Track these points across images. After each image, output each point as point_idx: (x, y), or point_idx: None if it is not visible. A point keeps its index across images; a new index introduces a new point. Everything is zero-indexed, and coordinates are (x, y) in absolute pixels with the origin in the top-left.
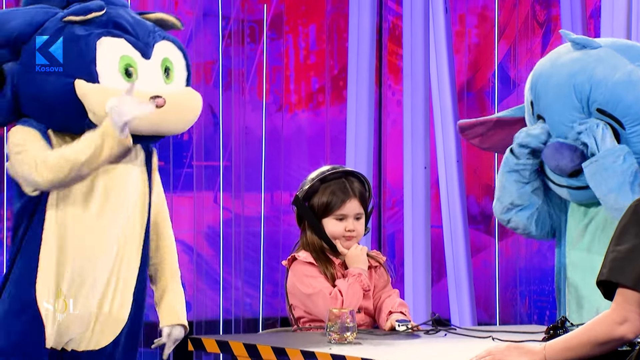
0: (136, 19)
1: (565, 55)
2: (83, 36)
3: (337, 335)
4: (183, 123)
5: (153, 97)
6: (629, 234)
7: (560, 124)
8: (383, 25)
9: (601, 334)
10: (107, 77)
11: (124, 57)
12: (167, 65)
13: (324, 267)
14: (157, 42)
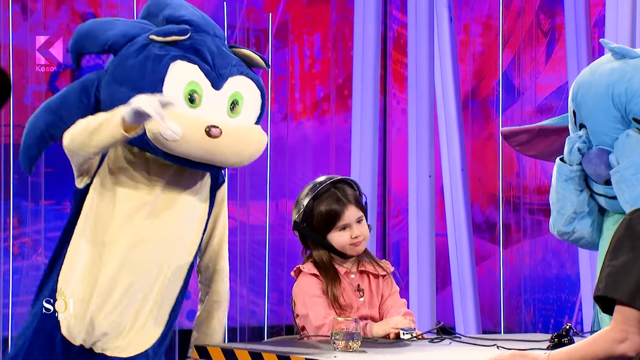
0: (220, 50)
1: (605, 65)
2: (160, 55)
3: (342, 343)
4: (238, 157)
5: (209, 127)
6: (624, 248)
7: (600, 133)
8: (388, 34)
9: (602, 352)
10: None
11: (191, 82)
12: (236, 99)
13: (328, 283)
14: (233, 76)
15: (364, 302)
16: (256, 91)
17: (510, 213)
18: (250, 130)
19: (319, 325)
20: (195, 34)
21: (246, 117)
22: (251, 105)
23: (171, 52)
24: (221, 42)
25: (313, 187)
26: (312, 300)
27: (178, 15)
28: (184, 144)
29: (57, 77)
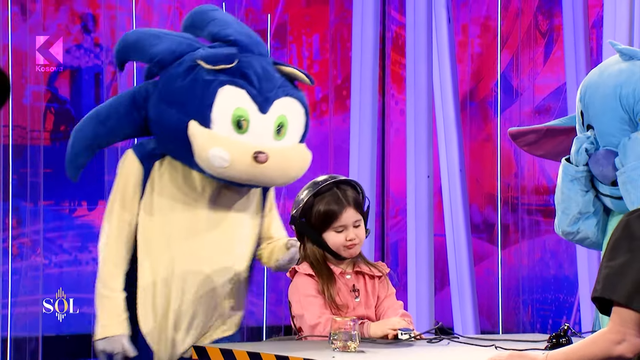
0: (266, 72)
1: (613, 66)
2: (208, 81)
3: (340, 344)
4: (284, 178)
5: (257, 153)
6: (621, 249)
7: (607, 134)
8: (386, 34)
9: (599, 353)
10: (219, 125)
11: (239, 108)
12: (282, 122)
13: (323, 283)
14: (279, 98)
15: (360, 302)
16: (301, 110)
17: (509, 213)
18: (295, 150)
19: (313, 324)
20: (242, 54)
21: (291, 137)
22: (296, 125)
23: (219, 78)
24: (266, 60)
25: (315, 184)
26: (307, 300)
27: (224, 35)
28: (231, 170)
29: (57, 78)
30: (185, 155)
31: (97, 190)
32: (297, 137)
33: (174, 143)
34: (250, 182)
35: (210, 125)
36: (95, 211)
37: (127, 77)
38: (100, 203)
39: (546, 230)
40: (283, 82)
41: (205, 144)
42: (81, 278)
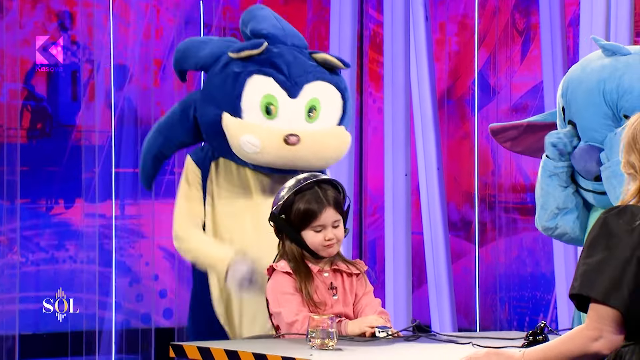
0: (297, 59)
1: (596, 62)
2: (237, 73)
3: (318, 341)
4: (321, 160)
5: (287, 135)
6: (599, 246)
7: (590, 129)
8: (364, 32)
9: (576, 349)
10: (249, 113)
11: (267, 95)
12: (314, 105)
13: (301, 281)
14: (310, 82)
15: (338, 300)
16: (335, 93)
17: (486, 211)
18: (330, 133)
19: (290, 321)
20: (273, 46)
21: (326, 120)
22: (330, 108)
23: (248, 68)
24: (299, 50)
25: (297, 181)
26: (285, 298)
27: (258, 29)
28: (265, 155)
29: (33, 76)
30: (227, 150)
31: (74, 189)
32: (334, 120)
33: (216, 139)
34: (286, 167)
35: (241, 114)
36: (72, 209)
37: (105, 75)
38: (77, 201)
39: (523, 228)
40: (315, 67)
41: (237, 133)
42: (58, 276)
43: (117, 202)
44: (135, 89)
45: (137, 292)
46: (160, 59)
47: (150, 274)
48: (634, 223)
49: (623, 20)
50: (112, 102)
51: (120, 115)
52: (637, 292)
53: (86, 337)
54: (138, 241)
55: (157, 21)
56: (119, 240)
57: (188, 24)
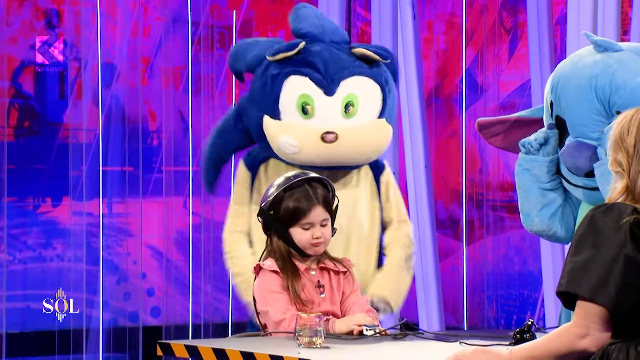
0: (334, 56)
1: (587, 58)
2: (274, 75)
3: (305, 339)
4: (363, 155)
5: (324, 133)
6: (586, 243)
7: (581, 125)
8: (352, 31)
9: (563, 347)
10: (287, 114)
11: (302, 95)
12: (350, 100)
13: (288, 279)
14: (346, 79)
15: (325, 298)
16: (374, 87)
17: (474, 210)
18: (368, 127)
19: (278, 320)
20: (311, 45)
21: (364, 115)
22: (369, 102)
23: (284, 70)
24: (338, 46)
25: (287, 179)
26: (272, 296)
27: (298, 29)
28: (304, 154)
29: (21, 74)
30: (272, 151)
31: (62, 187)
32: (373, 113)
33: (262, 141)
34: (328, 164)
35: (279, 116)
36: (60, 207)
37: (92, 73)
38: (65, 199)
39: (511, 227)
40: (353, 62)
41: (275, 134)
42: (45, 275)
43: (104, 200)
44: (123, 87)
45: (125, 291)
46: (148, 57)
47: (137, 272)
48: (621, 221)
49: (610, 18)
50: (100, 100)
51: (107, 114)
52: (624, 289)
53: (74, 335)
54: (126, 239)
55: (144, 19)
56: (106, 238)
57: (176, 22)
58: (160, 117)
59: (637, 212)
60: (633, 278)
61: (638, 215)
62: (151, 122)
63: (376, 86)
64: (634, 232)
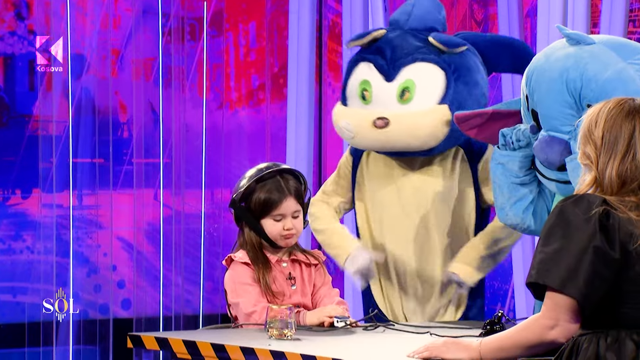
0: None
1: (560, 51)
2: (349, 62)
3: (276, 331)
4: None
5: (375, 119)
6: (556, 234)
7: (552, 118)
8: (323, 23)
9: (532, 338)
10: (351, 100)
11: (363, 81)
12: (407, 86)
13: (259, 271)
14: (409, 65)
15: (296, 290)
16: (438, 72)
17: None
18: (422, 112)
19: (249, 312)
20: (391, 32)
21: (422, 101)
22: (429, 89)
23: (356, 57)
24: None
25: (259, 170)
26: (243, 288)
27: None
28: (361, 139)
29: None
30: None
31: (31, 179)
32: (433, 100)
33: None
34: (385, 149)
35: (346, 102)
36: (29, 199)
37: (63, 64)
38: (34, 191)
39: None
40: (420, 49)
41: (336, 120)
42: (15, 267)
43: (74, 192)
44: (93, 78)
45: (95, 283)
46: (118, 49)
47: (108, 264)
48: (590, 212)
49: (580, 11)
50: (70, 92)
51: (77, 105)
52: (593, 280)
53: (43, 328)
54: (96, 232)
55: (114, 10)
56: (76, 230)
57: (146, 14)
58: (131, 109)
59: (606, 203)
60: (602, 269)
61: (607, 207)
62: (121, 114)
63: (440, 72)
64: (603, 223)
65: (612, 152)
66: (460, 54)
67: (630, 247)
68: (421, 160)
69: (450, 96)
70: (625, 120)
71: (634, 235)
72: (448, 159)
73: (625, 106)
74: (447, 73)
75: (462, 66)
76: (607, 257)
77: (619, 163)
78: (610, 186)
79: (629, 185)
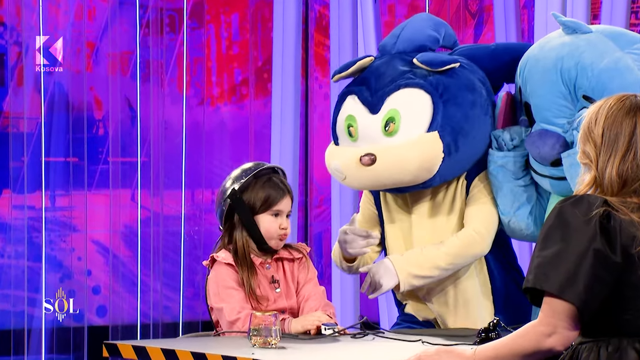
0: (390, 68)
1: (555, 40)
2: (338, 96)
3: (260, 339)
4: (410, 174)
5: (360, 157)
6: (554, 237)
7: (544, 109)
8: (309, 14)
9: (529, 346)
10: (341, 138)
11: (348, 116)
12: (391, 117)
13: (243, 273)
14: (393, 93)
15: (281, 293)
16: (422, 97)
17: None
18: (407, 144)
19: (232, 320)
20: (378, 59)
21: (408, 130)
22: (414, 116)
23: (343, 89)
24: (403, 55)
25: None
26: (227, 292)
27: (379, 43)
28: (351, 180)
29: None
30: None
31: (1, 179)
32: (420, 127)
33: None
34: (377, 188)
35: (337, 141)
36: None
37: (34, 58)
38: (5, 192)
39: None
40: (404, 74)
41: (327, 161)
42: None
43: (47, 193)
44: (67, 73)
45: (69, 289)
46: (93, 42)
47: (82, 269)
48: (590, 213)
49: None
50: (42, 87)
51: (50, 101)
52: (593, 285)
53: (14, 336)
54: (70, 234)
55: (89, 1)
56: (49, 233)
57: (122, 5)
58: (107, 105)
59: (607, 204)
60: (603, 273)
61: (608, 208)
62: (97, 110)
63: (426, 96)
64: (604, 225)
65: (612, 150)
66: (451, 72)
67: (633, 250)
68: (429, 192)
69: (439, 121)
70: (626, 117)
71: (637, 238)
72: (451, 188)
73: (626, 102)
74: (433, 96)
75: (453, 86)
76: (608, 260)
77: (619, 162)
78: (611, 186)
79: (630, 185)
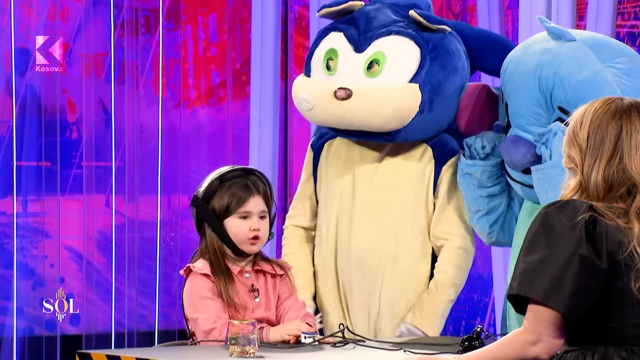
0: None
1: (539, 44)
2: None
3: (238, 348)
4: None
5: (337, 89)
6: (539, 243)
7: (520, 116)
8: (289, 15)
9: (513, 354)
10: (314, 71)
11: (330, 49)
12: (376, 59)
13: (220, 282)
14: (382, 37)
15: (260, 303)
16: (412, 48)
17: None
18: (390, 89)
19: (208, 329)
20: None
21: (392, 76)
22: (400, 63)
23: (327, 26)
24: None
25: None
26: (202, 303)
27: None
28: (318, 111)
29: None
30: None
31: None
32: (404, 77)
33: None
34: (342, 125)
35: (309, 73)
36: None
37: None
38: None
39: None
40: (397, 22)
41: (295, 90)
42: None
43: (18, 198)
44: (39, 75)
45: (41, 297)
46: (67, 43)
47: (55, 276)
48: (576, 218)
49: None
50: (14, 89)
51: (22, 104)
52: (579, 292)
53: None
54: (42, 241)
55: (62, 1)
56: (20, 239)
57: (97, 4)
58: (80, 108)
59: (593, 209)
60: (588, 280)
61: (594, 213)
62: (70, 113)
63: (415, 48)
64: (590, 231)
65: (598, 154)
66: (442, 35)
67: (619, 256)
68: (386, 151)
69: (423, 76)
70: (611, 120)
71: (623, 244)
72: (415, 154)
73: (612, 106)
74: (422, 50)
75: (442, 47)
76: (594, 267)
77: (604, 166)
78: (597, 191)
79: (616, 190)
